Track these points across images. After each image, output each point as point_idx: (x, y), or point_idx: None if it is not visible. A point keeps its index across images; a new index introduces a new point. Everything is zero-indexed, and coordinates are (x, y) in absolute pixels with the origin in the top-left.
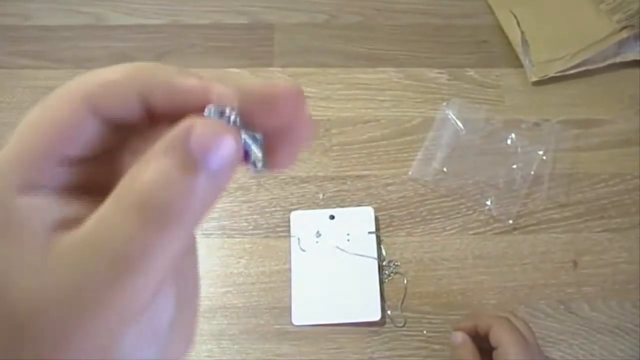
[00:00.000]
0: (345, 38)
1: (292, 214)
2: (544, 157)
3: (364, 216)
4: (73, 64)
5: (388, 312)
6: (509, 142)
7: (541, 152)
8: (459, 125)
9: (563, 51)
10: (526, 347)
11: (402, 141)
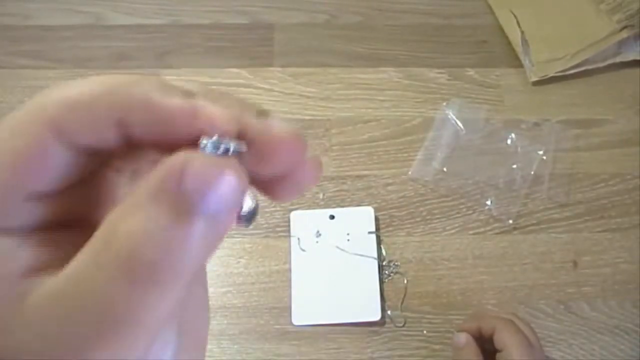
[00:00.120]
0: (345, 38)
1: (292, 213)
2: (544, 157)
3: (364, 216)
4: (73, 63)
5: (388, 312)
6: (509, 142)
7: (541, 152)
8: (459, 125)
9: (563, 51)
10: (530, 350)
11: (402, 141)
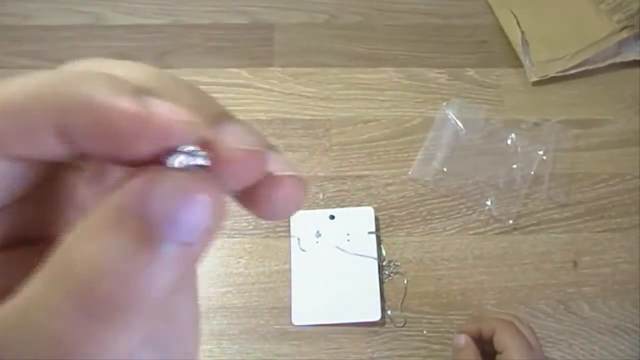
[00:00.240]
0: (345, 38)
1: None
2: (544, 157)
3: (364, 216)
4: None
5: (388, 312)
6: (509, 142)
7: (541, 152)
8: (459, 125)
9: (563, 51)
10: (530, 352)
11: (402, 141)
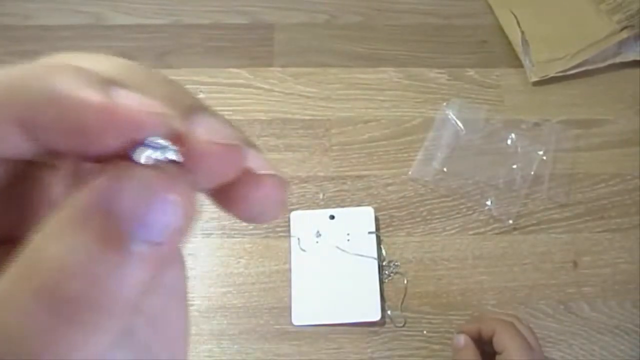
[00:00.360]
0: (345, 38)
1: (292, 214)
2: (544, 157)
3: (364, 216)
4: None
5: (388, 312)
6: (509, 142)
7: (541, 152)
8: (459, 125)
9: (563, 51)
10: (530, 352)
11: (402, 141)
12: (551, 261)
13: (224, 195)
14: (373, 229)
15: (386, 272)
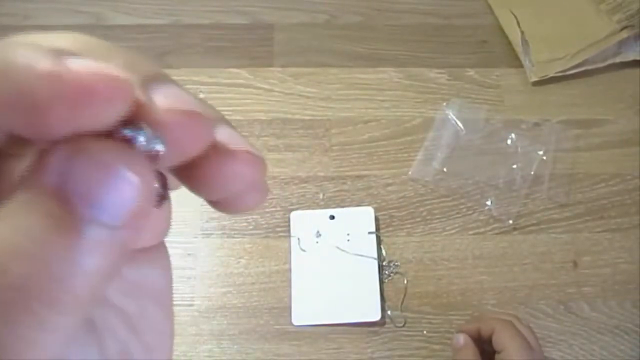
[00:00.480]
0: (345, 38)
1: (292, 214)
2: (544, 157)
3: (364, 216)
4: None
5: (388, 312)
6: (509, 142)
7: (541, 152)
8: (459, 125)
9: (563, 51)
10: (530, 353)
11: (402, 141)
12: (551, 261)
13: (192, 173)
14: (373, 229)
15: (386, 272)
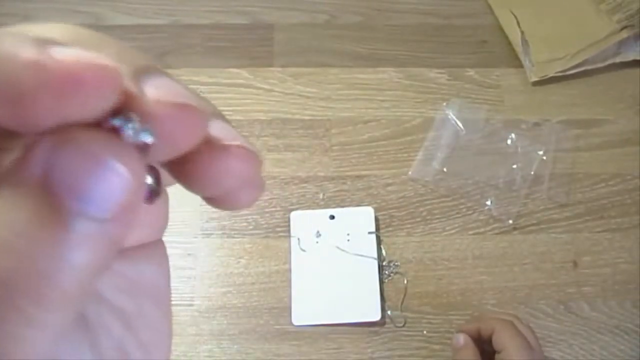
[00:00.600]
0: (345, 38)
1: (292, 214)
2: (544, 157)
3: (364, 216)
4: None
5: (388, 312)
6: (509, 142)
7: (541, 152)
8: (459, 125)
9: (563, 51)
10: (530, 352)
11: (402, 141)
12: (551, 261)
13: (185, 169)
14: (373, 229)
15: (386, 272)
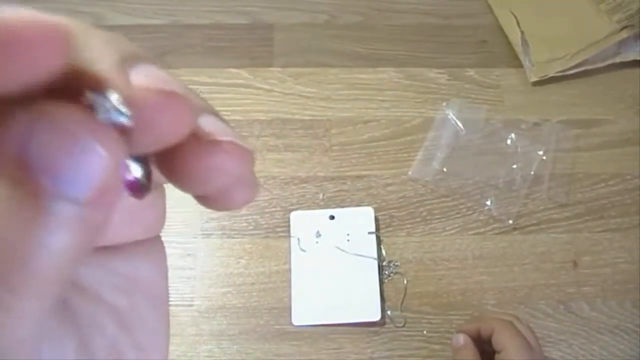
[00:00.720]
0: (345, 38)
1: (292, 214)
2: (544, 157)
3: (364, 216)
4: None
5: (388, 312)
6: (509, 142)
7: (541, 152)
8: (459, 125)
9: (563, 51)
10: (530, 352)
11: (402, 141)
12: (551, 261)
13: (173, 165)
14: (373, 229)
15: (386, 272)
